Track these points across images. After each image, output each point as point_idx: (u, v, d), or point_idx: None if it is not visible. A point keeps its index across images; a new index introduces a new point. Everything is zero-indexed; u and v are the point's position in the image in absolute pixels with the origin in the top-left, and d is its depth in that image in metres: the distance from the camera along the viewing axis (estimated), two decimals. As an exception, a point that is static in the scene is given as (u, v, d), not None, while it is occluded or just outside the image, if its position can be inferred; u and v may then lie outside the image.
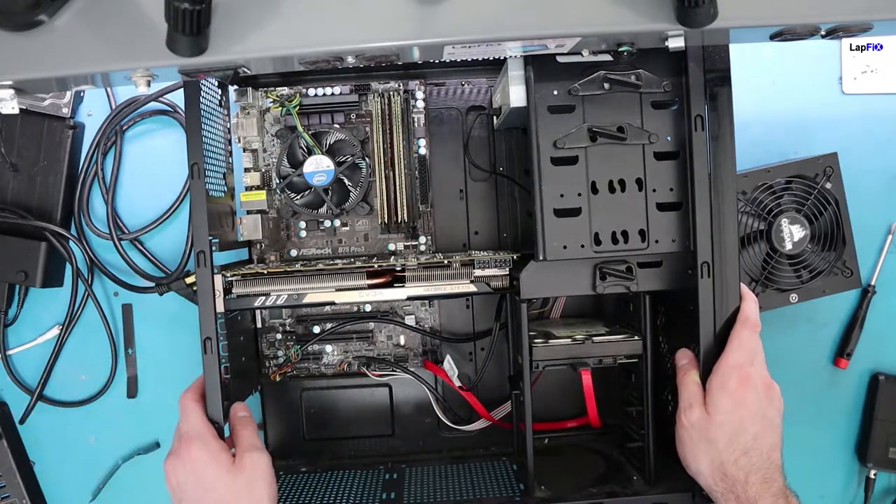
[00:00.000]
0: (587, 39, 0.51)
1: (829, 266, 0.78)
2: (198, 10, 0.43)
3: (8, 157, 0.81)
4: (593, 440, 0.80)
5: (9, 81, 0.50)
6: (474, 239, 0.81)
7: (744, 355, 0.60)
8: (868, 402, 0.85)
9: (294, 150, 0.76)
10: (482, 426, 0.80)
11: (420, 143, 0.79)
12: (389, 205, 0.77)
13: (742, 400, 0.59)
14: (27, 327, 0.84)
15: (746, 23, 0.49)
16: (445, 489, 0.71)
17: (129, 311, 0.85)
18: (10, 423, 0.84)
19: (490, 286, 0.68)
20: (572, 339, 0.69)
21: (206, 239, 0.63)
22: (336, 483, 0.74)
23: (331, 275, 0.68)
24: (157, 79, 0.51)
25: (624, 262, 0.65)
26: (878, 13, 0.49)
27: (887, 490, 0.86)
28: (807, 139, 0.85)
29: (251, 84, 0.77)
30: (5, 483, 0.81)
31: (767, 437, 0.59)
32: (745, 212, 0.77)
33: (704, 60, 0.61)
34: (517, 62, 0.63)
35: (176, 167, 0.84)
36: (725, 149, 0.62)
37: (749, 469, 0.58)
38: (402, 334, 0.81)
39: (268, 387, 0.81)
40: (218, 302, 0.64)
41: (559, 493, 0.67)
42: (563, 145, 0.62)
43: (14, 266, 0.80)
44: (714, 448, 0.59)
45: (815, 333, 0.85)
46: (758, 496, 0.57)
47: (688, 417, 0.61)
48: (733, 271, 0.62)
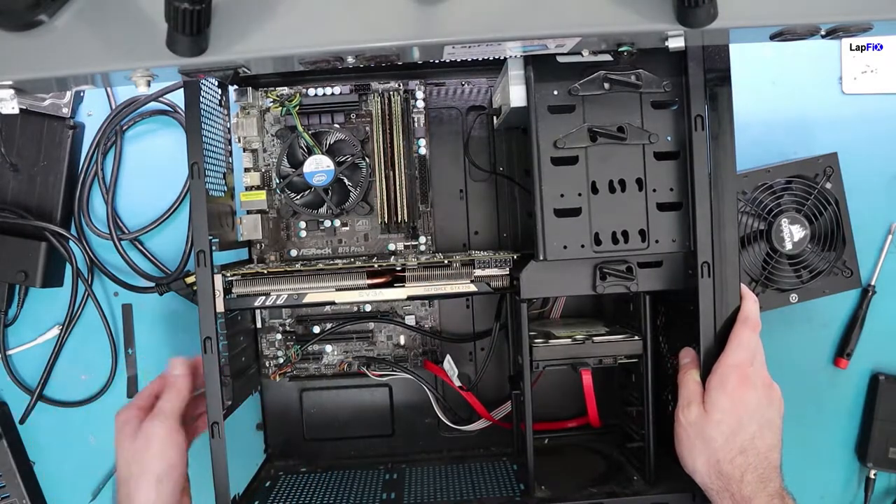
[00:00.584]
0: (587, 39, 0.51)
1: (829, 266, 0.78)
2: (198, 10, 0.43)
3: (8, 157, 0.81)
4: (593, 440, 0.79)
5: (9, 81, 0.50)
6: (474, 239, 0.81)
7: (743, 355, 0.60)
8: (868, 402, 0.85)
9: (294, 149, 0.76)
10: (482, 426, 0.80)
11: (420, 143, 0.79)
12: (389, 205, 0.77)
13: (741, 399, 0.59)
14: (27, 327, 0.84)
15: (746, 23, 0.49)
16: (445, 489, 0.71)
17: (129, 311, 0.85)
18: (10, 423, 0.84)
19: (490, 286, 0.68)
20: (572, 339, 0.69)
21: (206, 239, 0.63)
22: (336, 483, 0.74)
23: (331, 275, 0.68)
24: (157, 79, 0.51)
25: (624, 262, 0.65)
26: (878, 13, 0.49)
27: (887, 490, 0.86)
28: (807, 139, 0.85)
29: (251, 84, 0.77)
30: (5, 483, 0.81)
31: (766, 438, 0.59)
32: (745, 212, 0.77)
33: (704, 60, 0.61)
34: (517, 62, 0.63)
35: (176, 167, 0.84)
36: (725, 149, 0.62)
37: (745, 468, 0.58)
38: (402, 334, 0.81)
39: (268, 387, 0.81)
40: (218, 302, 0.64)
41: (559, 493, 0.67)
42: (563, 145, 0.62)
43: (14, 266, 0.80)
44: (710, 446, 0.59)
45: (815, 333, 0.85)
46: (753, 495, 0.57)
47: (685, 415, 0.61)
48: (733, 271, 0.62)
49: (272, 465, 0.80)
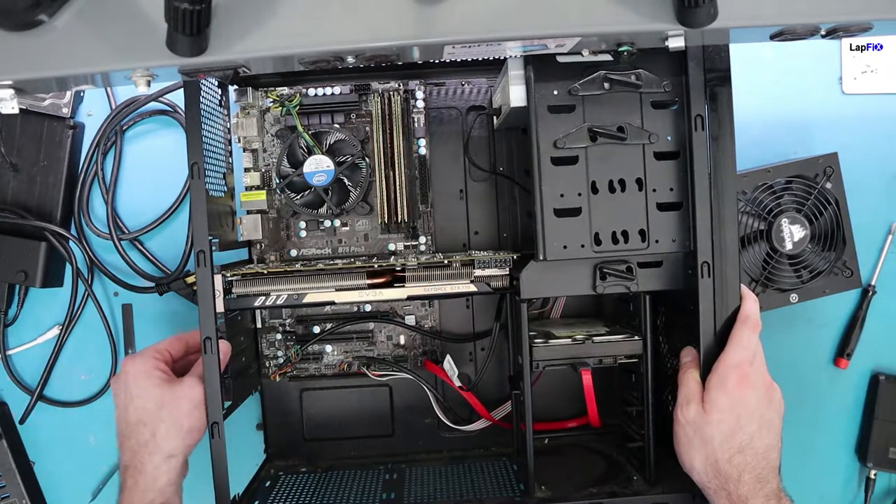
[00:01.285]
0: (587, 39, 0.51)
1: (829, 266, 0.78)
2: (198, 10, 0.43)
3: (8, 157, 0.81)
4: (593, 440, 0.79)
5: (9, 81, 0.50)
6: (474, 239, 0.81)
7: (743, 354, 0.60)
8: (868, 402, 0.85)
9: (294, 150, 0.76)
10: (482, 426, 0.80)
11: (420, 143, 0.79)
12: (389, 205, 0.77)
13: (740, 398, 0.59)
14: (27, 327, 0.84)
15: (746, 23, 0.49)
16: (445, 489, 0.71)
17: (129, 311, 0.85)
18: (10, 423, 0.84)
19: (490, 286, 0.68)
20: (572, 339, 0.69)
21: (206, 239, 0.63)
22: (336, 483, 0.74)
23: (331, 275, 0.68)
24: (157, 79, 0.51)
25: (624, 262, 0.65)
26: (878, 13, 0.49)
27: (887, 490, 0.86)
28: (807, 139, 0.85)
29: (251, 84, 0.77)
30: (5, 483, 0.81)
31: (764, 438, 0.59)
32: (746, 212, 0.77)
33: (704, 60, 0.61)
34: (517, 62, 0.63)
35: (176, 167, 0.84)
36: (725, 149, 0.62)
37: (743, 467, 0.58)
38: (402, 334, 0.81)
39: (268, 387, 0.81)
40: (218, 302, 0.64)
41: (559, 493, 0.67)
42: (563, 145, 0.62)
43: (14, 266, 0.80)
44: (708, 445, 0.59)
45: (815, 333, 0.85)
46: (749, 495, 0.57)
47: (684, 413, 0.61)
48: (733, 271, 0.62)
49: (272, 465, 0.80)
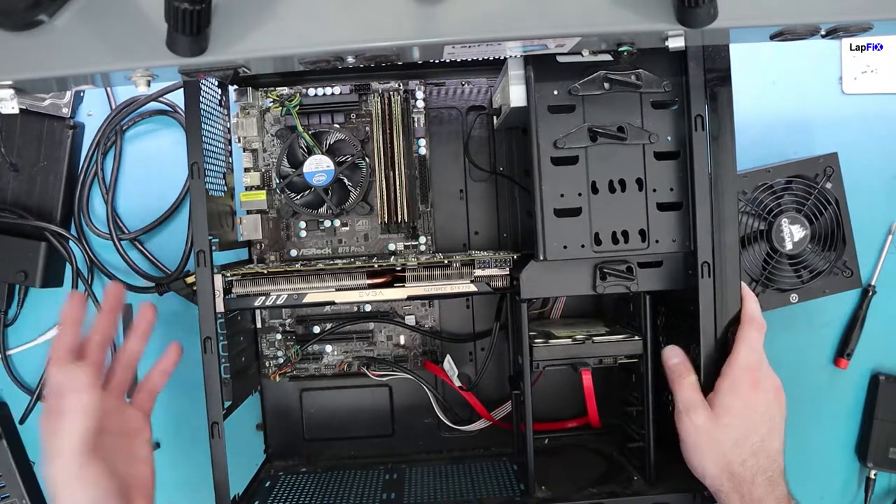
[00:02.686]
0: (587, 39, 0.51)
1: (829, 266, 0.78)
2: (198, 10, 0.43)
3: (8, 157, 0.81)
4: (593, 440, 0.79)
5: (9, 81, 0.50)
6: (474, 239, 0.81)
7: (754, 357, 0.60)
8: (868, 402, 0.85)
9: (294, 149, 0.76)
10: (482, 426, 0.80)
11: (420, 143, 0.79)
12: (389, 205, 0.77)
13: (752, 402, 0.59)
14: (27, 327, 0.84)
15: (746, 23, 0.49)
16: (445, 489, 0.71)
17: (129, 311, 0.85)
18: (10, 423, 0.84)
19: (490, 286, 0.68)
20: (572, 339, 0.69)
21: (206, 239, 0.63)
22: (336, 483, 0.74)
23: (331, 275, 0.68)
24: (157, 79, 0.51)
25: (624, 262, 0.65)
26: (878, 13, 0.49)
27: (887, 490, 0.86)
28: (807, 139, 0.85)
29: (251, 84, 0.77)
30: (5, 483, 0.81)
31: (774, 440, 0.59)
32: (746, 212, 0.77)
33: (704, 60, 0.61)
34: (517, 62, 0.63)
35: (176, 167, 0.84)
36: (725, 149, 0.62)
37: (756, 470, 0.58)
38: (402, 334, 0.81)
39: (268, 387, 0.81)
40: (218, 302, 0.64)
41: (559, 493, 0.67)
42: (563, 145, 0.62)
43: (14, 266, 0.80)
44: (720, 449, 0.59)
45: (815, 333, 0.85)
46: (763, 497, 0.57)
47: (693, 419, 0.60)
48: (734, 271, 0.62)
49: (272, 465, 0.80)
